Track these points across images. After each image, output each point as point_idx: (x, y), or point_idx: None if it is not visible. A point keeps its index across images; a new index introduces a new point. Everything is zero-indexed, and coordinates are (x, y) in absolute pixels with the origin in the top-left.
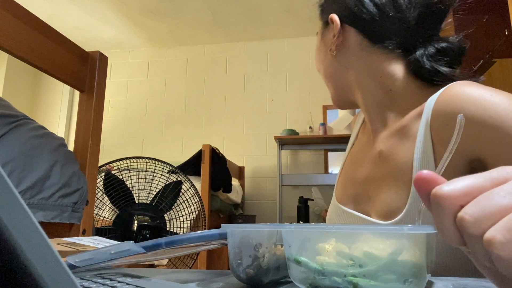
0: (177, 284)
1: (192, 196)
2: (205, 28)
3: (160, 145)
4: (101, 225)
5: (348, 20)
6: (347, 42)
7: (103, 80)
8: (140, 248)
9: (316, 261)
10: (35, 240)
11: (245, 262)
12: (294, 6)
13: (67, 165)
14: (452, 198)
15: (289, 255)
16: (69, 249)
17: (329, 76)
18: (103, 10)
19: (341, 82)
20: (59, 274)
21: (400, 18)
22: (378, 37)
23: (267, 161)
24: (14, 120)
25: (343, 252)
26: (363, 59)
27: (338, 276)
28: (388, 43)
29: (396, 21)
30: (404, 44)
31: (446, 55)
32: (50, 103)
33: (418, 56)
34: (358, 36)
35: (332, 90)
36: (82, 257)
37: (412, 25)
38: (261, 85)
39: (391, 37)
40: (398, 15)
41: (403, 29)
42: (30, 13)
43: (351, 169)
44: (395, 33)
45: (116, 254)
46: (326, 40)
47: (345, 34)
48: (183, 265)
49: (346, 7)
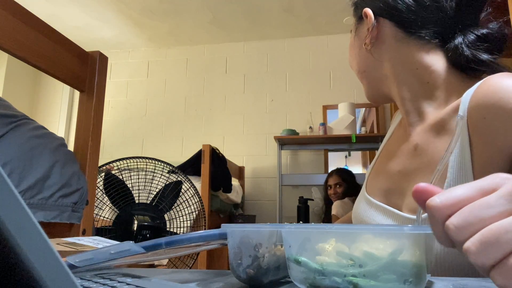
0: (177, 284)
1: (192, 196)
2: (205, 28)
3: (160, 145)
4: (101, 225)
5: (382, 12)
6: (382, 35)
7: (103, 80)
8: (140, 248)
9: (316, 261)
10: (35, 240)
11: (245, 262)
12: (294, 6)
13: (67, 165)
14: (441, 208)
15: (289, 255)
16: (69, 249)
17: (363, 71)
18: (103, 10)
19: (376, 76)
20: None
21: (437, 7)
22: (414, 27)
23: (267, 161)
24: (14, 120)
25: (343, 252)
26: (399, 51)
27: (338, 276)
28: (424, 33)
29: (433, 10)
30: (441, 33)
31: (486, 42)
32: (50, 103)
33: (458, 43)
34: (393, 28)
35: (366, 85)
36: (82, 257)
37: (450, 14)
38: (261, 85)
39: (427, 27)
40: (435, 4)
41: (440, 19)
42: (30, 13)
43: (385, 162)
44: (431, 23)
45: (116, 254)
46: (360, 35)
47: (379, 27)
48: (183, 265)
49: (382, 2)
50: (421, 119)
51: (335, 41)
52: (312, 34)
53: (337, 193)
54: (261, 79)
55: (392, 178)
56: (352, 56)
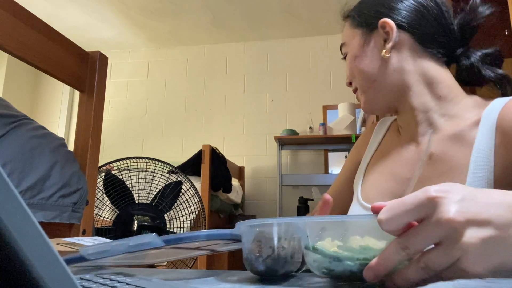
0: (177, 284)
1: (192, 196)
2: (205, 28)
3: (160, 145)
4: (101, 225)
5: (403, 25)
6: (400, 46)
7: (103, 80)
8: (160, 242)
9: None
10: (35, 240)
11: (265, 254)
12: (294, 6)
13: (67, 165)
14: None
15: (307, 244)
16: (69, 249)
17: (373, 80)
18: (103, 10)
19: (386, 86)
20: (59, 274)
21: (447, 28)
22: (432, 43)
23: (267, 161)
24: (14, 120)
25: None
26: (416, 64)
27: (351, 260)
28: (437, 50)
29: (446, 30)
30: (449, 52)
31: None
32: (50, 103)
33: (474, 61)
34: (411, 41)
35: (373, 94)
36: (96, 249)
37: (456, 35)
38: (261, 85)
39: (441, 44)
40: (448, 24)
41: (450, 38)
42: (30, 13)
43: (386, 170)
44: (444, 41)
45: (135, 246)
46: (374, 45)
47: (399, 38)
48: (183, 265)
49: (399, 14)
50: (433, 130)
51: (335, 41)
52: (312, 34)
53: None
54: (261, 79)
55: (399, 184)
56: (360, 65)
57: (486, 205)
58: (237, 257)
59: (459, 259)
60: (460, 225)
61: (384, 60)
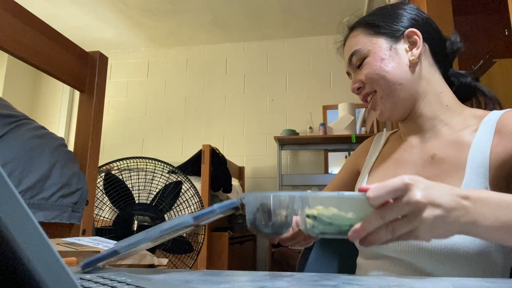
0: (177, 284)
1: (192, 196)
2: (205, 28)
3: (160, 145)
4: (101, 225)
5: (427, 37)
6: (422, 56)
7: (103, 80)
8: (191, 219)
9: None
10: (35, 240)
11: (274, 219)
12: (294, 6)
13: (67, 165)
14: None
15: (307, 212)
16: (69, 249)
17: (399, 83)
18: (103, 10)
19: (409, 91)
20: (59, 274)
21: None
22: (442, 58)
23: (267, 161)
24: (14, 120)
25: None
26: (431, 73)
27: (341, 221)
28: (444, 67)
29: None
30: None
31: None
32: (50, 103)
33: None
34: (428, 53)
35: (395, 98)
36: (129, 241)
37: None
38: (261, 85)
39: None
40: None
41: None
42: (30, 13)
43: (390, 172)
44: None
45: (168, 229)
46: (400, 51)
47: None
48: (183, 265)
49: (421, 27)
50: (436, 136)
51: (335, 41)
52: (312, 34)
53: None
54: (261, 79)
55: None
56: (386, 68)
57: (440, 193)
58: (237, 257)
59: (416, 227)
60: (423, 205)
61: (411, 65)
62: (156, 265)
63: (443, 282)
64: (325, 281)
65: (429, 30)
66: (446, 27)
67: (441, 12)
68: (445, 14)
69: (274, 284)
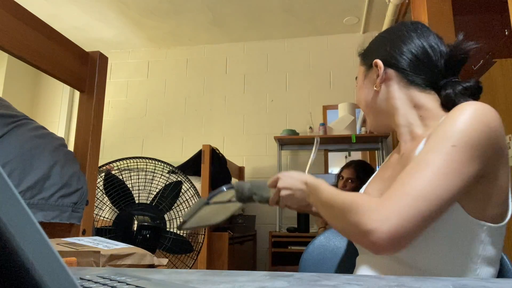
0: (177, 284)
1: (192, 196)
2: (205, 28)
3: (160, 145)
4: (101, 225)
5: (391, 64)
6: (389, 79)
7: (103, 80)
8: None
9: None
10: (35, 240)
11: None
12: (294, 6)
13: (67, 165)
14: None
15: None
16: (69, 249)
17: (371, 106)
18: (103, 10)
19: (381, 110)
20: (59, 274)
21: (432, 65)
22: (413, 77)
23: (267, 161)
24: (14, 120)
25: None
26: (401, 93)
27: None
28: (420, 82)
29: (428, 65)
30: (433, 83)
31: (468, 90)
32: (50, 103)
33: (449, 92)
34: (398, 75)
35: (372, 117)
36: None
37: (441, 69)
38: (261, 85)
39: (422, 77)
40: (430, 61)
41: (433, 73)
42: (30, 13)
43: (381, 174)
44: (426, 74)
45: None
46: (370, 79)
47: (387, 74)
48: (183, 265)
49: (389, 55)
50: (412, 140)
51: (335, 41)
52: (312, 34)
53: (346, 189)
54: (261, 79)
55: (384, 182)
56: (361, 95)
57: (290, 180)
58: (237, 257)
59: (280, 198)
60: (280, 188)
61: (376, 91)
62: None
63: (443, 282)
64: (325, 281)
65: (400, 57)
66: (446, 27)
67: (441, 12)
68: (445, 14)
69: (274, 284)
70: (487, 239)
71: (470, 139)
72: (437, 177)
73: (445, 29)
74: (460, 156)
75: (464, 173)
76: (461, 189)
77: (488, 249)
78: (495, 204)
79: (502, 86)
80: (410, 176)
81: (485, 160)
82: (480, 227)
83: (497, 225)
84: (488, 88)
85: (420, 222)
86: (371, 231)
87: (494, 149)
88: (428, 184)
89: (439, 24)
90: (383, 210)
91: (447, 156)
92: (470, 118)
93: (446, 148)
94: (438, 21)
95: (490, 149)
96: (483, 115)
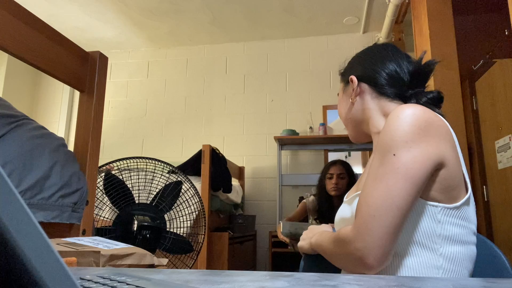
0: (177, 284)
1: (192, 196)
2: (205, 28)
3: (160, 145)
4: (101, 225)
5: (364, 79)
6: (362, 92)
7: (103, 80)
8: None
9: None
10: (35, 240)
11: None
12: (294, 6)
13: (67, 165)
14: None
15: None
16: (69, 249)
17: (349, 118)
18: (103, 10)
19: (357, 120)
20: (59, 274)
21: (400, 78)
22: (384, 90)
23: (267, 161)
24: (14, 120)
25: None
26: (374, 103)
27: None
28: (390, 93)
29: (397, 79)
30: (401, 94)
31: (432, 101)
32: (50, 103)
33: (415, 103)
34: (370, 89)
35: (351, 128)
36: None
37: (407, 82)
38: (261, 85)
39: (392, 90)
40: (398, 76)
41: (400, 85)
42: (30, 13)
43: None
44: (395, 87)
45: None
46: (347, 93)
47: (361, 88)
48: (183, 265)
49: (362, 72)
50: None
51: (335, 41)
52: (312, 34)
53: (339, 185)
54: (261, 79)
55: (358, 186)
56: (341, 108)
57: (310, 233)
58: (237, 257)
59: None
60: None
61: (352, 103)
62: (156, 265)
63: (443, 282)
64: (325, 281)
65: (371, 73)
66: (446, 27)
67: (441, 12)
68: (445, 14)
69: (274, 284)
70: (444, 219)
71: (406, 143)
72: (391, 190)
73: (445, 29)
74: (402, 162)
75: (413, 175)
76: (418, 186)
77: (448, 229)
78: (448, 186)
79: (502, 86)
80: (369, 195)
81: (432, 150)
82: (434, 207)
83: (452, 205)
84: (488, 88)
85: (392, 234)
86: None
87: (433, 137)
88: (386, 199)
89: (439, 24)
90: (360, 238)
91: (392, 166)
92: (400, 122)
93: (389, 159)
94: (438, 21)
95: (429, 140)
96: (409, 115)
